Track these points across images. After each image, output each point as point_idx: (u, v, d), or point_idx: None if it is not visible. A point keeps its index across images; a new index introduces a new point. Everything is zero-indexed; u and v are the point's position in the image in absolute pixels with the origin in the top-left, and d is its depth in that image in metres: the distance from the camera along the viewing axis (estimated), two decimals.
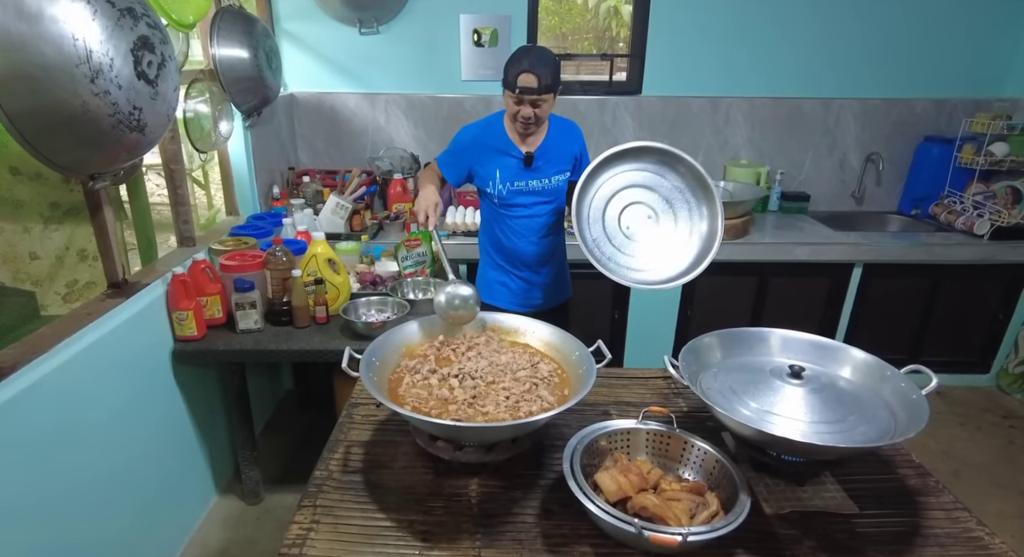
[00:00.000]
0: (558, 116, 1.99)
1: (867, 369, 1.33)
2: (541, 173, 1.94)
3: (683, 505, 1.10)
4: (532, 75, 1.72)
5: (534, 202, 1.97)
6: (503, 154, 1.92)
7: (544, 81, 1.73)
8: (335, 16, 2.88)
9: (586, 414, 1.47)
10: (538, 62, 1.73)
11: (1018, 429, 2.75)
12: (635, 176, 1.67)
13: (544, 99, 1.77)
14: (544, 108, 1.80)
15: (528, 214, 1.98)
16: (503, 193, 1.94)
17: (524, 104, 1.77)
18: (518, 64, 1.74)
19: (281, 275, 1.95)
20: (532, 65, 1.72)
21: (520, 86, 1.73)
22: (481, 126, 1.96)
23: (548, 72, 1.74)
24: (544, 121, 1.88)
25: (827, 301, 2.90)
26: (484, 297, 2.03)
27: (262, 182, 2.64)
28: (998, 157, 2.84)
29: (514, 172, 1.93)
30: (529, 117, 1.80)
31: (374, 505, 1.18)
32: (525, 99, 1.76)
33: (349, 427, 1.44)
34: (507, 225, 2.00)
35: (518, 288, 2.08)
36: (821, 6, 2.94)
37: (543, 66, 1.73)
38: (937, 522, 1.15)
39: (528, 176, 1.94)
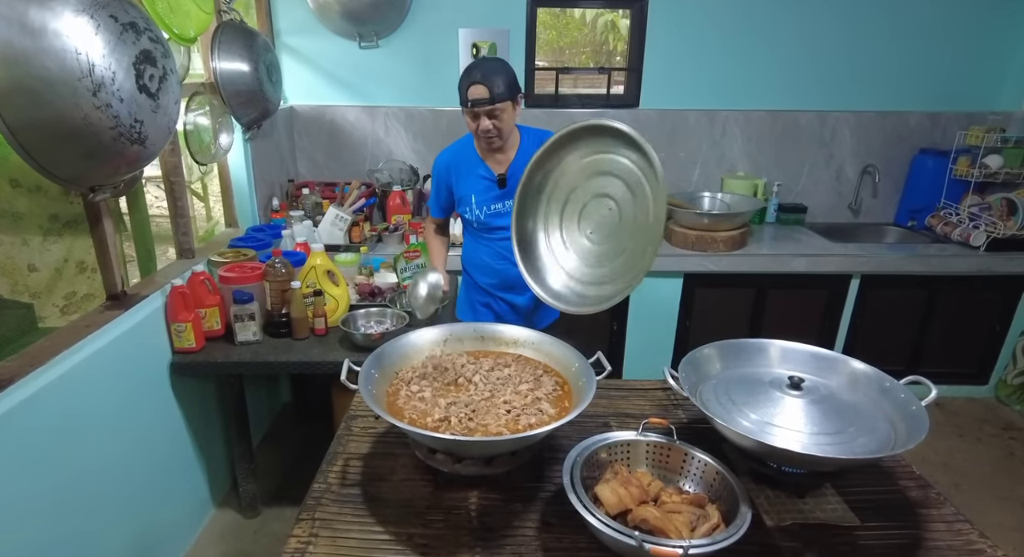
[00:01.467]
0: (534, 129, 1.90)
1: (867, 380, 1.33)
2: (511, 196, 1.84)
3: (684, 517, 1.09)
4: (482, 86, 1.66)
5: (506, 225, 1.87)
6: (477, 177, 1.86)
7: (496, 90, 1.66)
8: (335, 30, 2.91)
9: (586, 426, 1.46)
10: (488, 73, 1.67)
11: (1018, 440, 2.74)
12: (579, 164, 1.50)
13: (500, 109, 1.69)
14: (504, 119, 1.72)
15: (509, 236, 1.86)
16: (480, 217, 1.88)
17: (481, 118, 1.71)
18: (468, 77, 1.69)
19: (280, 287, 1.95)
20: (483, 76, 1.66)
21: (472, 99, 1.68)
22: (453, 149, 1.91)
23: (500, 81, 1.67)
24: (507, 133, 1.77)
25: (825, 312, 2.90)
26: (468, 319, 2.02)
27: (261, 194, 2.65)
28: (993, 169, 2.86)
29: (489, 195, 1.86)
30: (489, 130, 1.72)
31: (373, 518, 1.17)
32: (480, 112, 1.70)
33: (348, 440, 1.43)
34: (489, 248, 1.94)
35: (503, 310, 2.02)
36: (816, 21, 2.97)
37: (493, 76, 1.67)
38: (939, 534, 1.15)
39: (505, 197, 1.85)
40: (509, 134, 1.78)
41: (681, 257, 2.74)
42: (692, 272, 2.76)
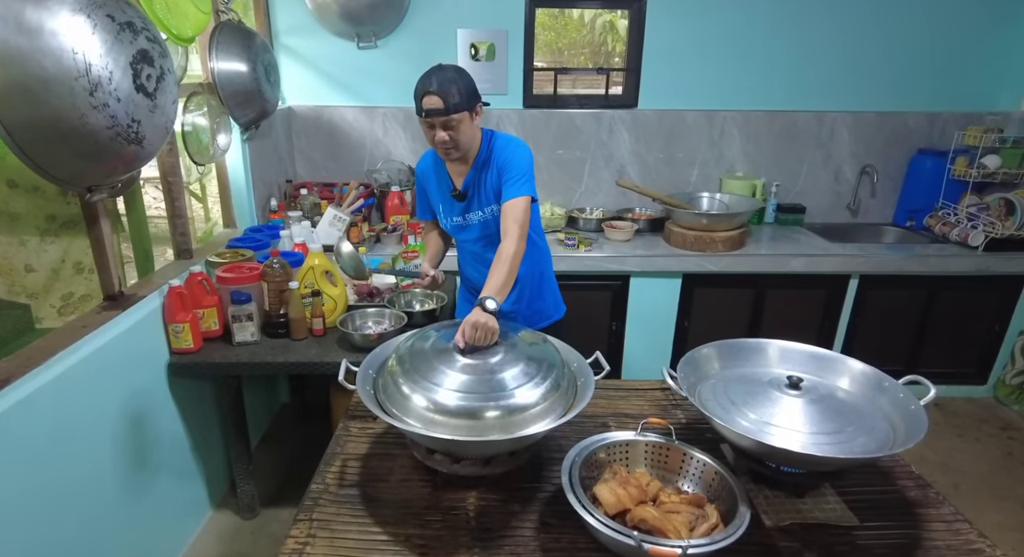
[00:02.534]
0: (504, 136, 1.78)
1: (865, 380, 1.33)
2: (475, 206, 1.79)
3: (683, 517, 1.09)
4: (436, 96, 1.56)
5: (478, 236, 1.83)
6: (443, 187, 1.83)
7: (451, 101, 1.56)
8: (333, 31, 2.90)
9: (585, 426, 1.46)
10: (444, 82, 1.56)
11: (1016, 440, 2.74)
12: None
13: (456, 120, 1.59)
14: (461, 130, 1.61)
15: (477, 248, 1.87)
16: (448, 227, 1.87)
17: (436, 128, 1.61)
18: (422, 86, 1.59)
19: (278, 287, 1.95)
20: (438, 86, 1.56)
21: (426, 109, 1.58)
22: (430, 155, 1.85)
23: (455, 91, 1.56)
24: (465, 145, 1.66)
25: (824, 312, 2.90)
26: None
27: (260, 195, 2.64)
28: (991, 169, 2.86)
29: (451, 207, 1.83)
30: (445, 141, 1.62)
31: (371, 519, 1.17)
32: (434, 123, 1.60)
33: (346, 440, 1.43)
34: (464, 255, 1.96)
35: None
36: (813, 21, 2.97)
37: (449, 85, 1.56)
38: (938, 534, 1.14)
39: (464, 209, 1.81)
40: (468, 145, 1.68)
41: (680, 257, 2.74)
42: (691, 272, 2.76)
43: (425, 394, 1.19)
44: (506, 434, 1.16)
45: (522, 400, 1.21)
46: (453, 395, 1.19)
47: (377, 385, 1.30)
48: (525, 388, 1.23)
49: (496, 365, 1.28)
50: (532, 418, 1.21)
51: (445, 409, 1.17)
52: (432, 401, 1.18)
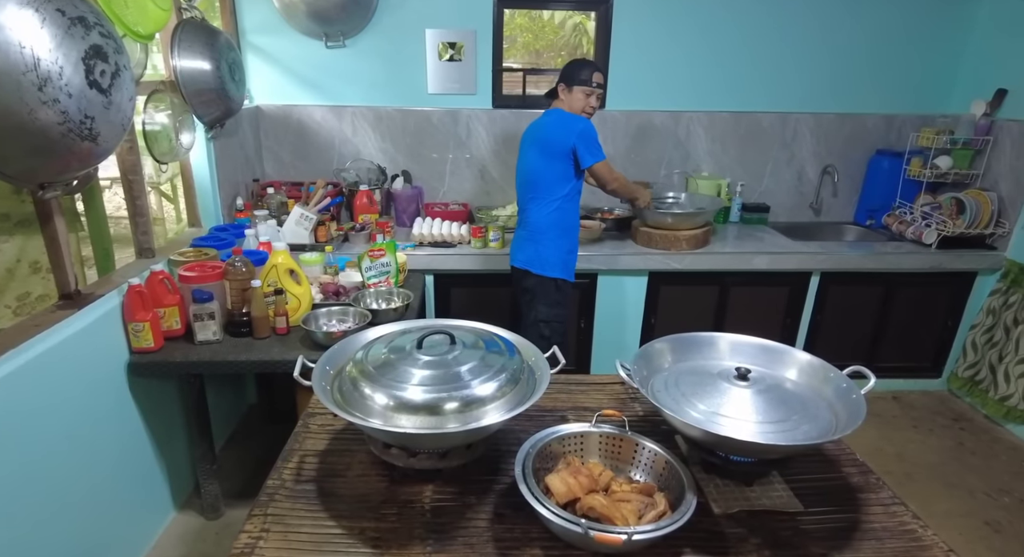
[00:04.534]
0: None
1: (811, 370, 1.37)
2: None
3: (632, 505, 1.12)
4: (601, 74, 2.35)
5: None
6: None
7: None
8: (301, 30, 2.89)
9: (544, 420, 1.48)
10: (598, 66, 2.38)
11: (967, 431, 2.84)
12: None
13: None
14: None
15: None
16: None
17: (592, 96, 2.33)
18: (592, 66, 2.34)
19: (240, 286, 1.94)
20: (598, 67, 2.35)
21: (597, 82, 2.32)
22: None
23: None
24: None
25: (787, 309, 2.97)
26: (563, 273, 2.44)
27: (225, 194, 2.62)
28: (943, 170, 2.96)
29: None
30: (594, 106, 2.37)
31: (326, 513, 1.17)
32: (596, 93, 2.33)
33: (305, 437, 1.43)
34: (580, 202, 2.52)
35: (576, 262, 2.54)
36: (777, 26, 3.05)
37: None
38: (875, 517, 1.19)
39: None
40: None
41: (645, 255, 2.78)
42: (656, 270, 2.81)
43: (381, 389, 1.20)
44: (462, 427, 1.18)
45: (479, 393, 1.23)
46: (409, 389, 1.20)
47: (334, 381, 1.31)
48: (482, 381, 1.25)
49: (454, 360, 1.29)
50: (489, 411, 1.22)
51: (401, 403, 1.18)
52: (389, 395, 1.19)
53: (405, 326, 1.45)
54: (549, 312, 2.44)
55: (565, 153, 2.28)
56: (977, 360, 2.97)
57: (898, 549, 1.10)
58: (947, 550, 1.10)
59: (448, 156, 3.18)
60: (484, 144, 3.16)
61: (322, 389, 1.26)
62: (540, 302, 2.43)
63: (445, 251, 2.72)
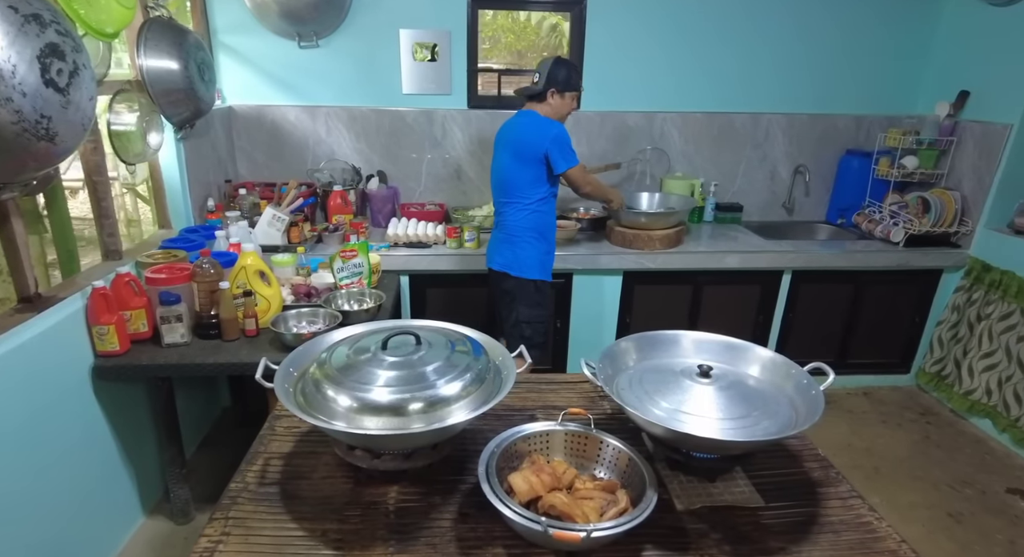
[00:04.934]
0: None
1: (773, 367, 1.39)
2: None
3: (595, 503, 1.13)
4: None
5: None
6: None
7: None
8: (274, 30, 2.87)
9: (513, 419, 1.48)
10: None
11: (933, 425, 2.90)
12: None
13: None
14: None
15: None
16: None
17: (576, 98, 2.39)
18: (576, 71, 2.38)
19: (209, 288, 1.92)
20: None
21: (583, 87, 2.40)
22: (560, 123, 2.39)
23: None
24: None
25: (759, 307, 3.01)
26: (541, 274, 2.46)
27: (196, 195, 2.59)
28: (909, 169, 3.03)
29: None
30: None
31: (288, 515, 1.17)
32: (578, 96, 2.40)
33: (271, 439, 1.42)
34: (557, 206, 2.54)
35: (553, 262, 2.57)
36: (749, 28, 3.09)
37: None
38: (833, 510, 1.21)
39: None
40: None
41: (620, 255, 2.80)
42: (630, 270, 2.83)
43: (345, 390, 1.20)
44: (426, 427, 1.18)
45: (443, 393, 1.23)
46: (373, 390, 1.20)
47: (298, 383, 1.30)
48: (447, 381, 1.25)
49: (419, 360, 1.29)
50: (454, 411, 1.23)
51: (365, 404, 1.18)
52: (352, 397, 1.19)
53: (371, 327, 1.45)
54: (530, 313, 2.45)
55: (538, 158, 2.29)
56: (943, 356, 3.04)
57: (853, 541, 1.13)
58: (899, 541, 1.12)
59: (424, 156, 3.17)
60: (460, 144, 3.16)
61: (284, 391, 1.25)
62: (520, 304, 2.44)
63: (420, 252, 2.71)
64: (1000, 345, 2.75)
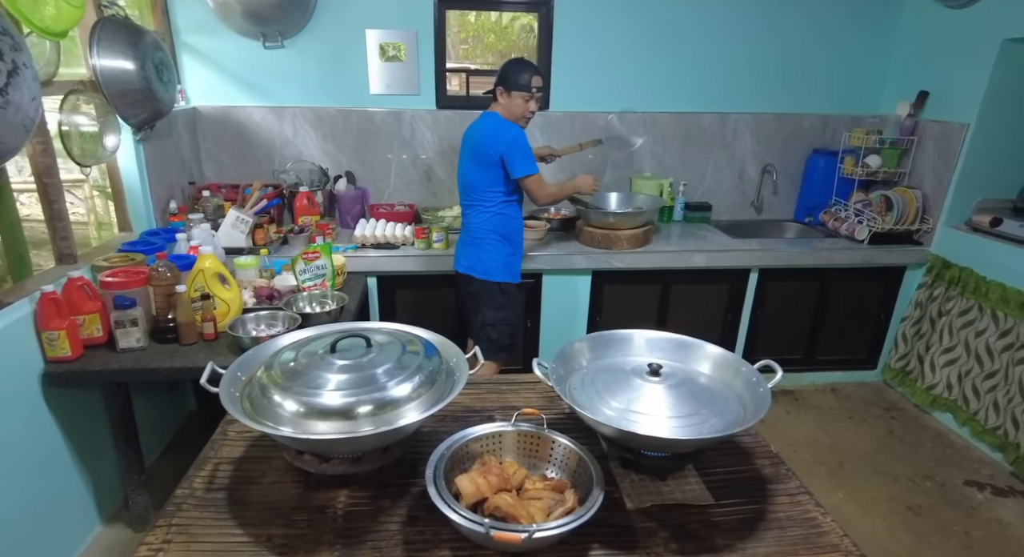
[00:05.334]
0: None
1: (725, 364, 1.40)
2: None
3: (543, 503, 1.13)
4: (540, 77, 2.29)
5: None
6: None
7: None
8: (238, 30, 2.83)
9: (471, 420, 1.48)
10: (538, 69, 2.31)
11: (898, 420, 2.94)
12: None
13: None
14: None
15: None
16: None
17: (533, 100, 2.28)
18: (530, 69, 2.27)
19: (165, 291, 1.89)
20: (537, 70, 2.29)
21: (536, 86, 2.27)
22: (516, 126, 2.32)
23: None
24: None
25: (728, 305, 3.04)
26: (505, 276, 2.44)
27: (158, 197, 2.55)
28: (873, 168, 3.07)
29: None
30: (534, 111, 2.33)
31: (234, 521, 1.15)
32: (536, 96, 2.29)
33: (222, 444, 1.40)
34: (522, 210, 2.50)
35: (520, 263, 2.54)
36: (716, 28, 3.11)
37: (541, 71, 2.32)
38: (781, 507, 1.22)
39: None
40: None
41: (588, 255, 2.81)
42: (599, 270, 2.84)
43: (291, 395, 1.19)
44: (373, 430, 1.17)
45: (393, 395, 1.22)
46: (320, 394, 1.18)
47: (246, 388, 1.28)
48: (397, 383, 1.24)
49: (368, 362, 1.28)
50: (404, 413, 1.22)
51: (312, 408, 1.17)
52: (299, 401, 1.18)
53: (322, 330, 1.43)
54: (496, 315, 2.44)
55: (495, 162, 2.27)
56: (907, 351, 3.09)
57: (797, 537, 1.14)
58: (842, 535, 1.14)
59: (393, 157, 3.16)
60: (429, 144, 3.15)
61: (230, 396, 1.23)
62: (486, 306, 2.43)
63: (388, 253, 2.70)
64: (960, 340, 2.80)
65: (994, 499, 2.35)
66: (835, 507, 2.26)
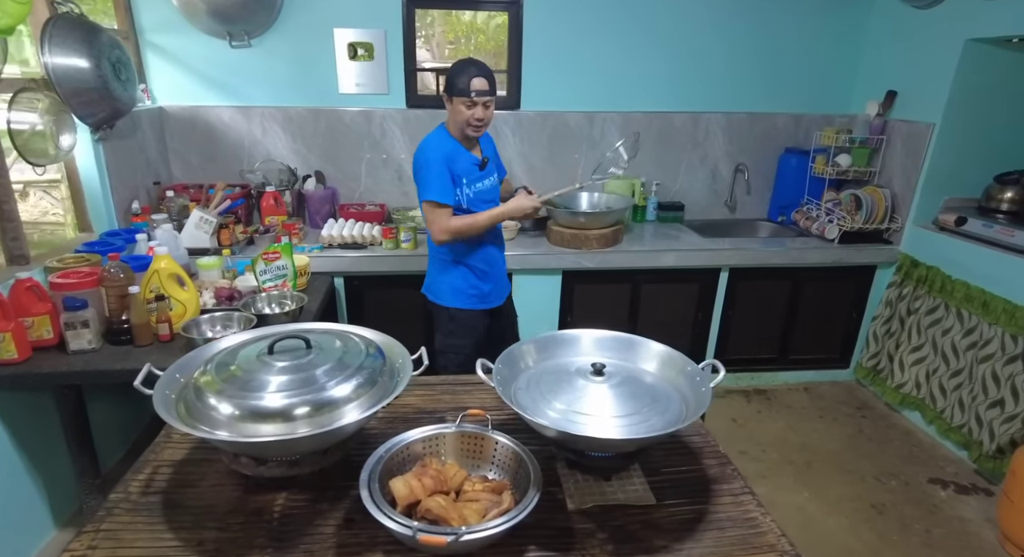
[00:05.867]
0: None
1: (671, 362, 1.39)
2: (491, 171, 2.16)
3: (480, 505, 1.12)
4: (484, 79, 1.95)
5: (493, 198, 2.19)
6: (467, 160, 2.08)
7: (493, 84, 1.98)
8: (203, 29, 2.80)
9: (421, 421, 1.47)
10: (485, 69, 1.98)
11: (868, 418, 2.95)
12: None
13: (492, 100, 1.99)
14: (491, 110, 2.01)
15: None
16: (470, 197, 2.09)
17: (477, 107, 1.96)
18: (468, 71, 1.94)
19: (118, 292, 1.86)
20: (481, 71, 1.96)
21: (476, 89, 1.94)
22: (437, 142, 2.05)
23: (493, 78, 1.98)
24: (488, 123, 2.05)
25: (699, 304, 3.04)
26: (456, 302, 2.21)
27: (120, 197, 2.52)
28: (843, 167, 3.08)
29: (476, 175, 2.10)
30: (481, 119, 1.99)
31: (166, 526, 1.13)
32: (480, 101, 1.96)
33: (164, 446, 1.38)
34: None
35: (493, 288, 2.25)
36: (689, 27, 3.11)
37: (489, 72, 1.98)
38: (723, 507, 1.21)
39: (486, 174, 2.14)
40: (490, 123, 2.07)
41: (558, 255, 2.80)
42: (569, 269, 2.83)
43: (227, 397, 1.17)
44: (311, 431, 1.15)
45: (333, 395, 1.21)
46: (257, 396, 1.16)
47: (183, 390, 1.26)
48: (336, 384, 1.23)
49: (308, 363, 1.27)
50: (345, 414, 1.20)
51: (248, 411, 1.15)
52: (235, 403, 1.16)
53: (264, 332, 1.41)
54: (444, 342, 2.24)
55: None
56: (879, 350, 3.10)
57: (735, 537, 1.13)
58: (779, 535, 1.13)
59: (363, 156, 3.13)
60: (400, 144, 3.13)
61: (164, 398, 1.21)
62: (436, 330, 2.27)
63: (355, 253, 2.68)
64: (928, 339, 2.81)
65: (956, 497, 2.36)
66: (800, 506, 2.27)
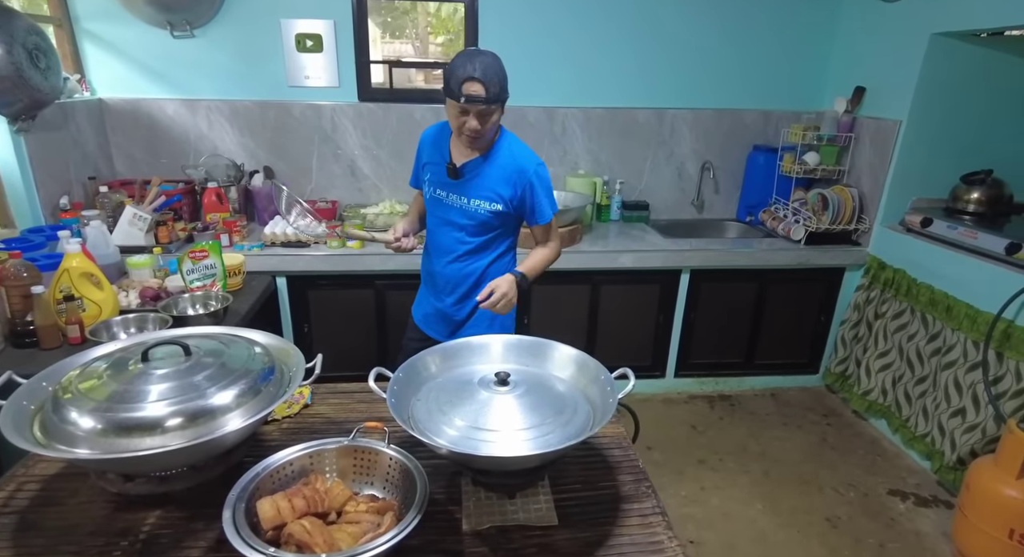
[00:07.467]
0: (519, 140, 1.76)
1: (584, 369, 1.30)
2: (464, 191, 1.73)
3: (359, 528, 1.02)
4: (479, 83, 1.52)
5: (445, 221, 1.79)
6: (439, 155, 1.77)
7: (492, 90, 1.54)
8: (142, 18, 2.69)
9: (328, 433, 1.37)
10: (488, 69, 1.53)
11: (833, 426, 2.86)
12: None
13: (491, 110, 1.58)
14: (491, 122, 1.60)
15: (438, 229, 1.82)
16: (429, 197, 1.81)
17: (468, 115, 1.57)
18: (464, 71, 1.53)
19: (21, 292, 1.75)
20: (482, 72, 1.52)
21: (466, 95, 1.53)
22: (439, 126, 1.81)
23: (497, 81, 1.55)
24: (488, 137, 1.65)
25: (660, 307, 2.94)
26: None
27: (48, 192, 2.41)
28: (811, 166, 2.99)
29: (440, 178, 1.76)
30: (475, 130, 1.58)
31: (14, 550, 1.03)
32: (471, 109, 1.55)
33: (37, 460, 1.28)
34: (429, 237, 1.88)
35: (432, 311, 1.94)
36: (652, 19, 3.01)
37: (492, 74, 1.54)
38: (629, 530, 1.12)
39: (452, 188, 1.75)
40: (491, 137, 1.67)
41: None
42: None
43: (89, 410, 1.06)
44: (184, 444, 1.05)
45: (208, 405, 1.11)
46: (128, 406, 1.07)
47: (46, 402, 1.16)
48: (216, 391, 1.13)
49: (187, 370, 1.17)
50: (223, 424, 1.11)
51: (115, 423, 1.05)
52: (99, 416, 1.05)
53: (140, 339, 1.31)
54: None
55: None
56: (847, 355, 3.01)
57: None
58: None
59: (314, 151, 3.03)
60: (352, 139, 3.02)
61: (18, 409, 1.11)
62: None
63: (297, 251, 2.57)
64: (894, 344, 2.72)
65: (915, 510, 2.26)
66: (752, 519, 2.17)
